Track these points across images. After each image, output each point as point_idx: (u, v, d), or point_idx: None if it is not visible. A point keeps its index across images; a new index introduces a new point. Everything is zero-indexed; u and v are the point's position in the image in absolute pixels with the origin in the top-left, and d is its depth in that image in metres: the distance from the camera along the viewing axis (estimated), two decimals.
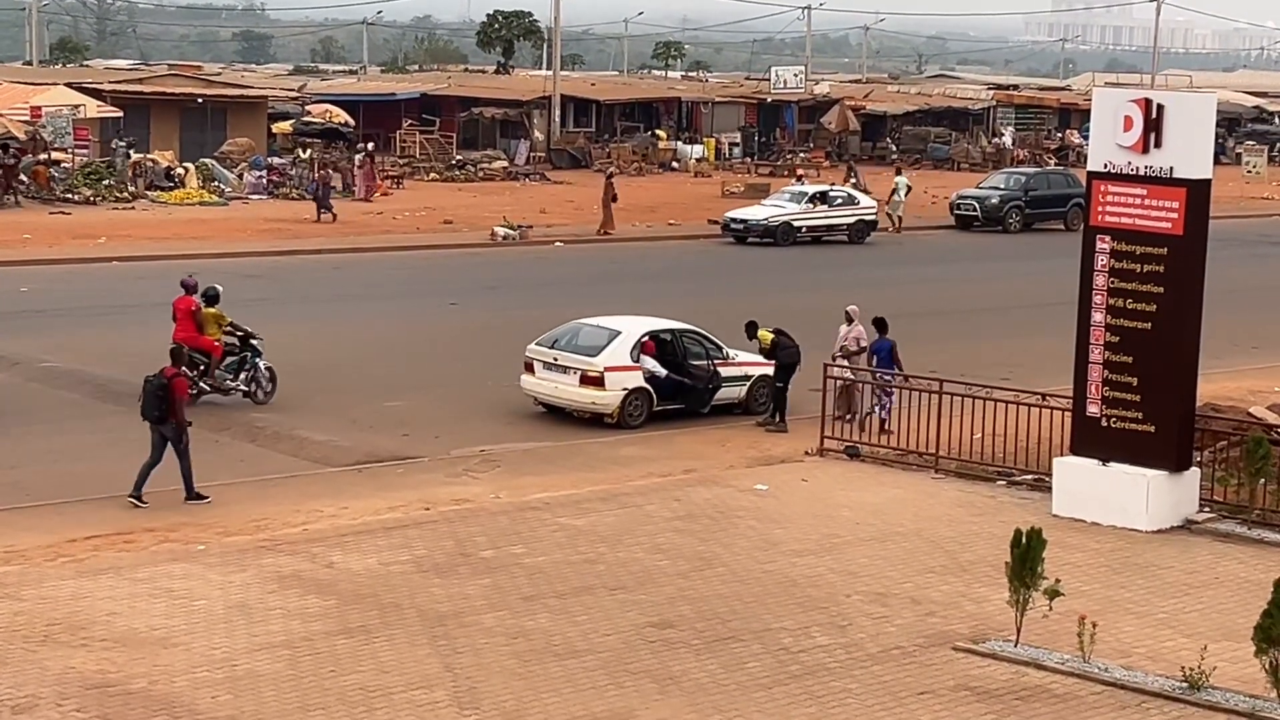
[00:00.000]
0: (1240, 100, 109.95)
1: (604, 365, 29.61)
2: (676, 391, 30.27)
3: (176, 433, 24.16)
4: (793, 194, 60.29)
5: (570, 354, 30.00)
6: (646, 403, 30.00)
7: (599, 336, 30.30)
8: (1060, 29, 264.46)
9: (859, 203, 59.87)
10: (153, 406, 24.14)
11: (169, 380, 24.25)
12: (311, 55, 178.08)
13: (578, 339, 30.50)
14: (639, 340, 30.18)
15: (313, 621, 18.74)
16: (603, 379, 29.57)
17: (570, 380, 29.76)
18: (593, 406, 29.76)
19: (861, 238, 58.55)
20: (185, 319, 30.68)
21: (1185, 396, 23.51)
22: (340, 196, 66.02)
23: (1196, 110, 23.61)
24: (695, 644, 18.29)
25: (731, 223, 58.43)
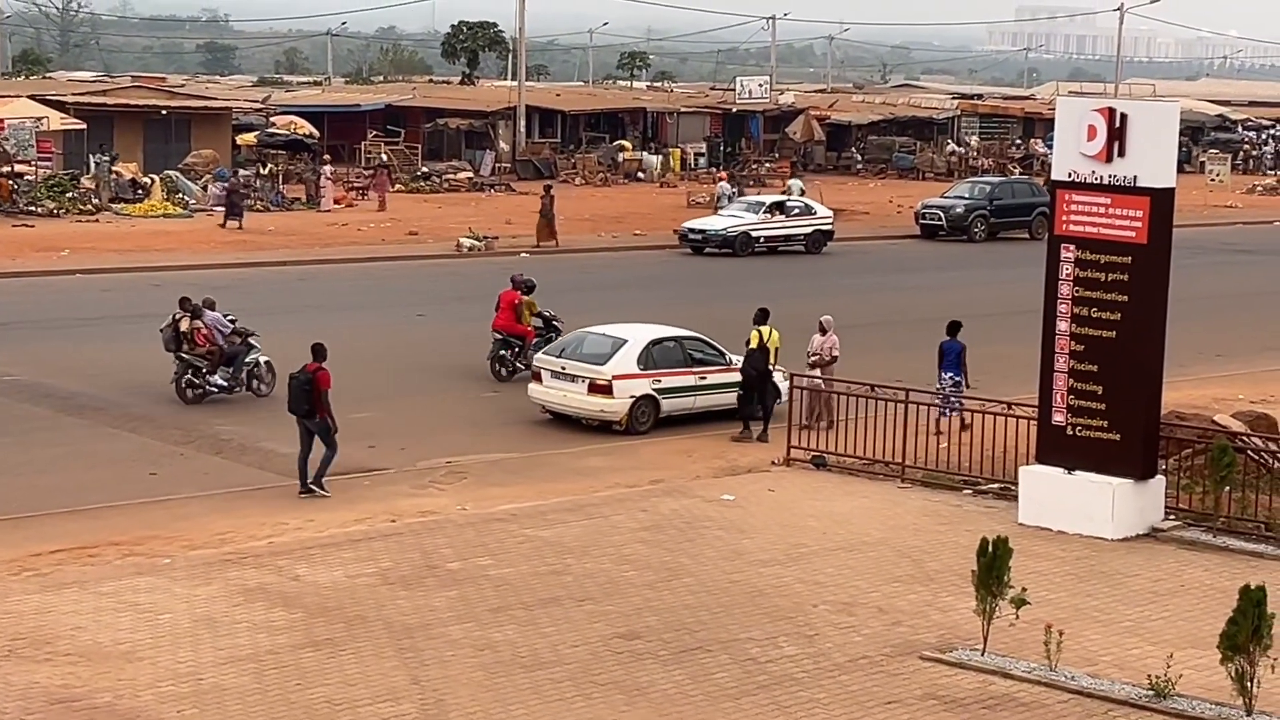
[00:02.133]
0: (1203, 109, 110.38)
1: (612, 373, 30.04)
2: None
3: (323, 426, 25.37)
4: (749, 204, 60.20)
5: (578, 362, 30.45)
6: (653, 410, 30.42)
7: (606, 345, 30.73)
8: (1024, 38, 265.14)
9: (815, 212, 59.75)
10: (301, 401, 25.45)
11: (313, 375, 25.51)
12: (276, 66, 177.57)
13: (585, 348, 30.91)
14: (645, 349, 30.60)
15: (279, 634, 18.68)
16: (611, 387, 30.02)
17: (579, 389, 30.22)
18: (601, 414, 30.19)
19: (819, 248, 58.45)
20: (508, 309, 34.66)
21: (1150, 405, 23.57)
22: (305, 208, 66.04)
23: (1160, 119, 23.69)
24: (663, 655, 18.28)
25: (689, 233, 58.03)
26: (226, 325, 32.01)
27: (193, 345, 31.52)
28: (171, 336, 31.66)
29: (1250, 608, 15.93)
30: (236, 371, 31.91)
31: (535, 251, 56.64)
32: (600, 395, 30.05)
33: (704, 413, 30.94)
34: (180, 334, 31.57)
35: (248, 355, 32.06)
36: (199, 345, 31.53)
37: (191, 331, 31.54)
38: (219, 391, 31.67)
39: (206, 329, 31.62)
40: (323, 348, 26.33)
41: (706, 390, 30.95)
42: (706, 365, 31.09)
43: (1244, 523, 23.52)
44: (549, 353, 31.36)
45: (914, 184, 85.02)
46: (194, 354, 31.48)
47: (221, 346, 31.62)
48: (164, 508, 24.57)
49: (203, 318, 31.76)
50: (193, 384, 31.50)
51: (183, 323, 31.62)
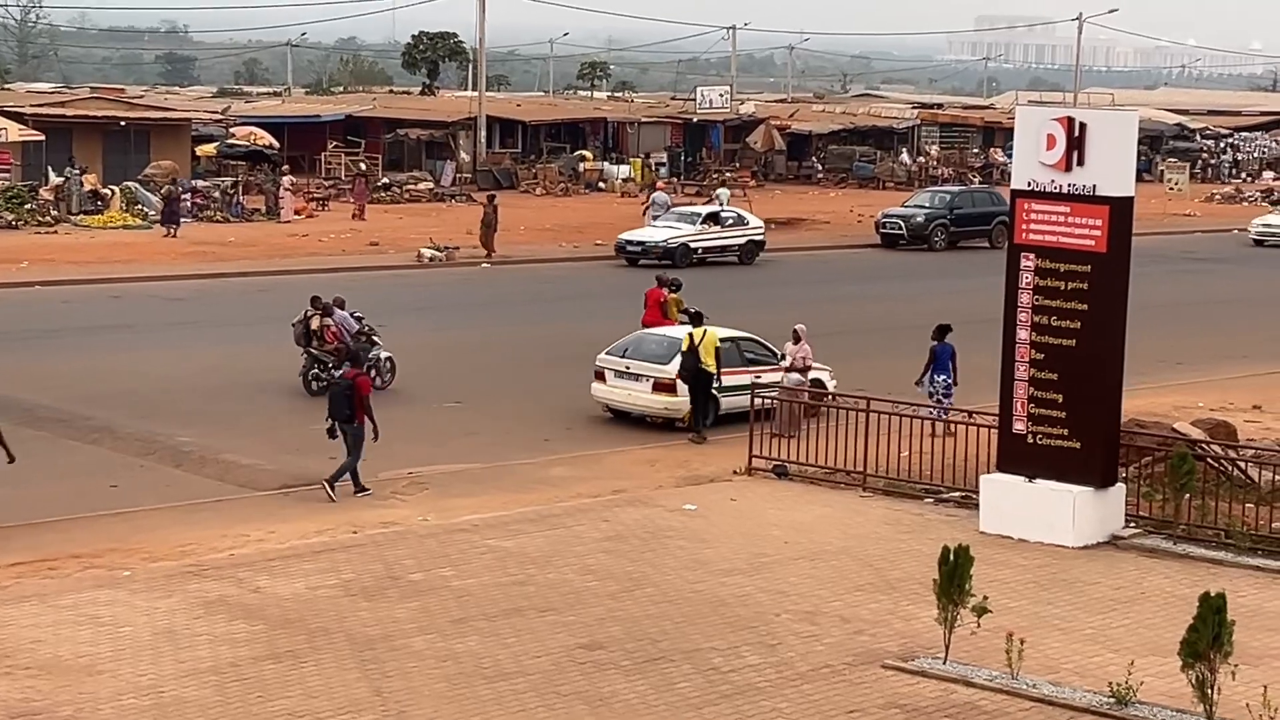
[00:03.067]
0: (1162, 117, 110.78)
1: (676, 372, 30.92)
2: None
3: (359, 432, 26.02)
4: (684, 214, 59.79)
5: (643, 362, 31.55)
6: (714, 408, 31.15)
7: (668, 345, 31.78)
8: (983, 48, 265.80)
9: (748, 223, 59.57)
10: (341, 406, 26.15)
11: (354, 381, 26.26)
12: (235, 77, 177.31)
13: (646, 348, 32.12)
14: None
15: (240, 647, 18.62)
16: (675, 385, 31.02)
17: (643, 387, 31.32)
18: (665, 411, 31.30)
19: (751, 258, 58.28)
20: (654, 307, 36.70)
21: (1110, 413, 23.64)
22: (265, 219, 65.89)
23: (1119, 128, 23.78)
24: (625, 665, 18.27)
25: (627, 245, 57.20)
26: (353, 324, 33.77)
27: (321, 342, 33.42)
28: (302, 333, 33.75)
29: (1210, 615, 15.98)
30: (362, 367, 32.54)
31: (497, 262, 56.62)
32: (664, 394, 31.11)
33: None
34: (310, 331, 33.59)
35: (370, 351, 33.45)
36: (327, 342, 33.32)
37: (321, 329, 33.45)
38: None
39: (335, 326, 33.46)
40: (359, 355, 27.37)
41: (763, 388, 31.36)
42: (760, 365, 32.04)
43: (1204, 530, 23.60)
44: (612, 353, 32.21)
45: (874, 193, 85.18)
46: (322, 350, 33.28)
47: (347, 343, 32.66)
48: (124, 520, 24.49)
49: (332, 316, 33.60)
50: (318, 377, 33.10)
51: (313, 320, 33.61)
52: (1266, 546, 23.00)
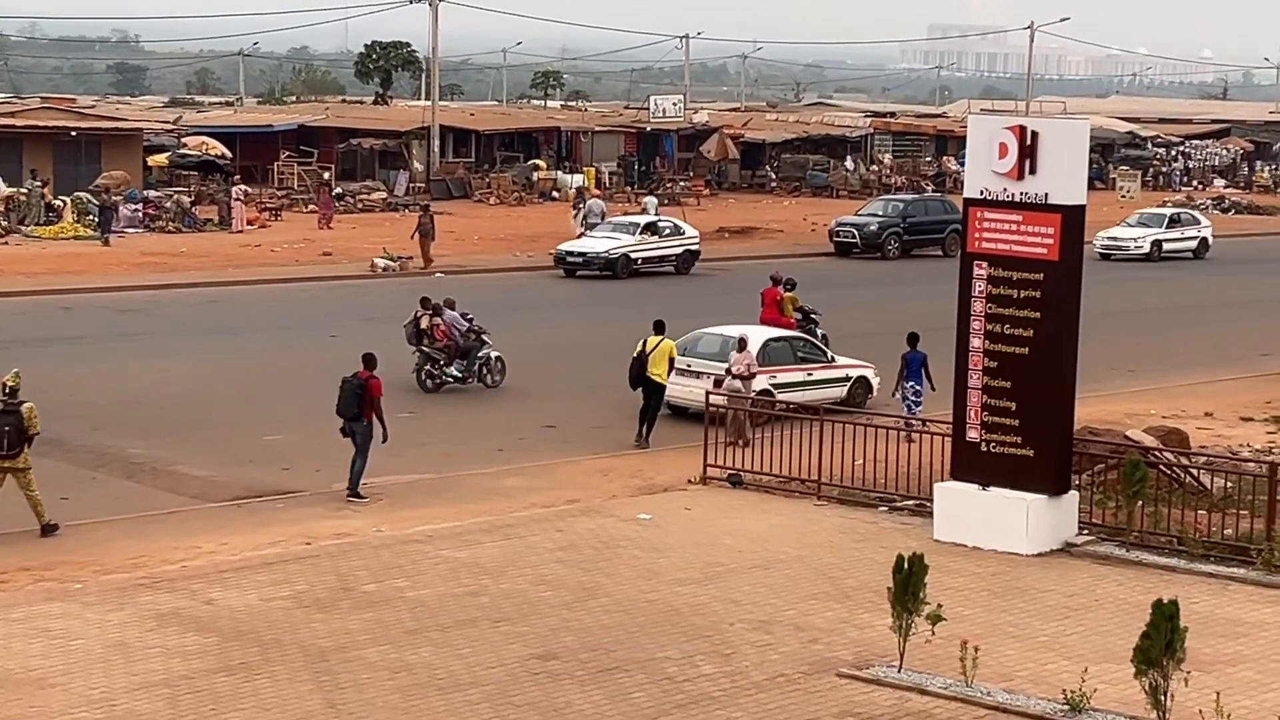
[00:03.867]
0: (1114, 126, 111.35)
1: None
2: None
3: (367, 431, 26.51)
4: (621, 224, 59.55)
5: (704, 360, 32.67)
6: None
7: (727, 344, 32.89)
8: (936, 56, 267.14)
9: (685, 233, 59.46)
10: (351, 405, 26.67)
11: (365, 381, 26.74)
12: (187, 87, 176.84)
13: (705, 347, 33.45)
14: (765, 345, 33.00)
15: (192, 659, 18.53)
16: None
17: (704, 384, 31.44)
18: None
19: (688, 268, 58.11)
20: (771, 305, 38.76)
21: (1063, 420, 23.71)
22: (217, 229, 65.70)
23: (1070, 136, 23.85)
24: (580, 675, 18.23)
25: (568, 256, 56.85)
26: (463, 323, 35.59)
27: (432, 340, 35.31)
28: (413, 332, 35.56)
29: (1163, 621, 16.02)
30: (470, 364, 35.45)
31: (450, 272, 56.55)
32: None
33: None
34: (421, 330, 35.41)
35: (480, 350, 35.46)
36: (438, 340, 35.26)
37: (431, 328, 35.29)
38: (454, 381, 35.19)
39: (445, 325, 35.36)
40: (373, 357, 27.49)
41: (814, 385, 33.36)
42: (812, 362, 33.82)
43: (1156, 537, 23.67)
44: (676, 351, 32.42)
45: (828, 201, 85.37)
46: (433, 348, 35.21)
47: (457, 341, 35.19)
48: (75, 532, 24.34)
49: (442, 315, 35.44)
50: (431, 374, 35.16)
51: (423, 320, 35.44)
52: (1219, 553, 23.09)
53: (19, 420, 24.09)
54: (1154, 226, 68.11)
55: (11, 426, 24.03)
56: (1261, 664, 18.83)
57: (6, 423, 24.06)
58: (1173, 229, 68.47)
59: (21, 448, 24.13)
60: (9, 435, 24.02)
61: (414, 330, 35.45)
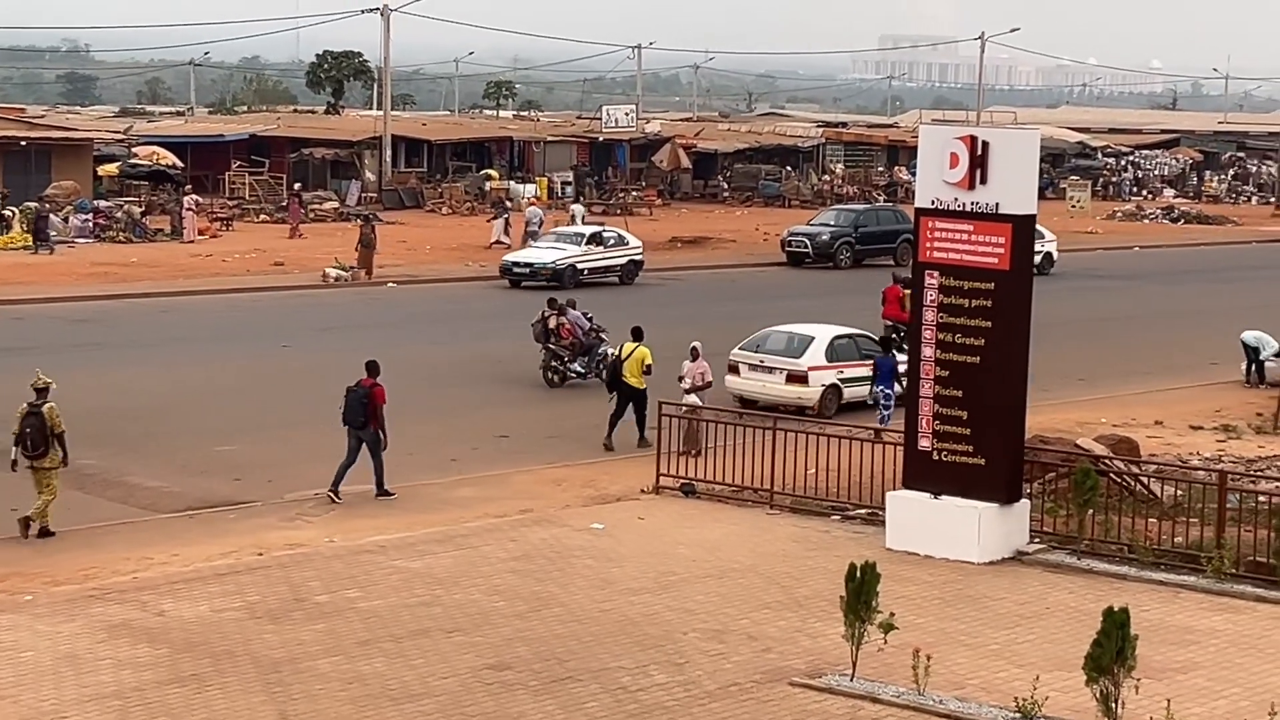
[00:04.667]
0: (1064, 136, 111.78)
1: (807, 365, 34.60)
2: None
3: (375, 437, 27.09)
4: (566, 235, 59.25)
5: (776, 356, 34.81)
6: (837, 397, 34.72)
7: (796, 341, 35.26)
8: (887, 67, 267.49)
9: (629, 243, 59.33)
10: (357, 413, 27.23)
11: (370, 389, 27.26)
12: (138, 97, 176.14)
13: (775, 344, 35.41)
14: (830, 343, 35.18)
15: (144, 671, 18.45)
16: (806, 377, 34.54)
17: (776, 379, 34.49)
18: (798, 401, 34.23)
19: (632, 278, 57.93)
20: (894, 301, 41.22)
21: (1014, 429, 23.78)
22: (169, 239, 65.47)
23: (1021, 146, 23.95)
24: (533, 685, 18.21)
25: (514, 266, 56.59)
26: (585, 323, 37.76)
27: (558, 338, 37.47)
28: (541, 331, 37.71)
29: (1114, 629, 16.09)
30: (591, 361, 37.21)
31: (402, 282, 56.48)
32: (797, 384, 34.45)
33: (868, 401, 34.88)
34: (548, 329, 37.52)
35: (600, 348, 37.08)
36: (563, 338, 37.41)
37: (558, 327, 37.37)
38: (576, 377, 37.35)
39: (570, 324, 37.46)
40: (376, 364, 28.01)
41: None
42: (873, 358, 34.90)
43: (1107, 545, 23.77)
44: (745, 348, 35.47)
45: (780, 211, 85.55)
46: (559, 345, 37.42)
47: (580, 339, 37.35)
48: (26, 544, 24.21)
49: (566, 315, 37.58)
50: (556, 370, 37.38)
51: (551, 320, 37.51)
52: (1169, 561, 23.19)
53: (41, 421, 24.61)
54: None
55: (34, 428, 24.60)
56: (1212, 671, 18.93)
57: (29, 424, 24.65)
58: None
59: (46, 448, 24.61)
60: (31, 436, 24.59)
61: (542, 329, 37.64)
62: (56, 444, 24.73)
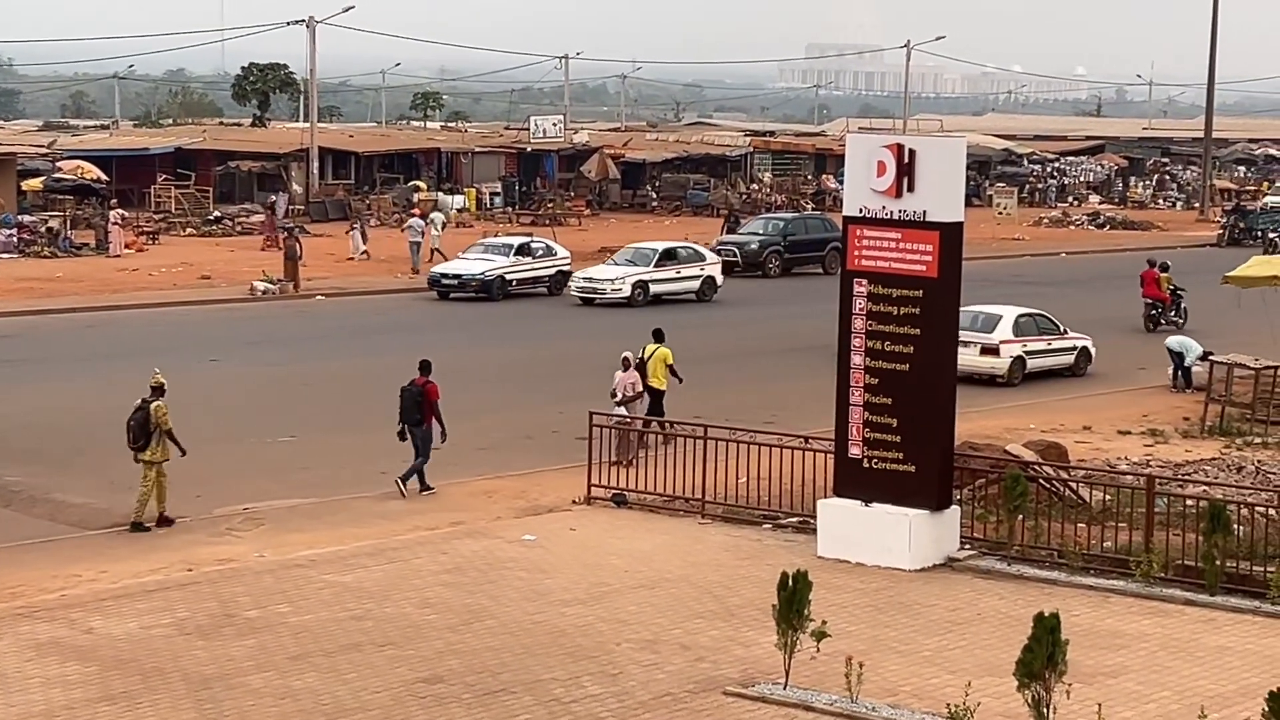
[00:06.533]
0: (990, 143, 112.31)
1: (999, 339, 40.10)
2: None
3: (427, 434, 28.17)
4: (493, 246, 59.04)
5: (969, 332, 37.48)
6: (1021, 368, 40.36)
7: (985, 319, 40.33)
8: (814, 75, 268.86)
9: (557, 254, 59.09)
10: (412, 411, 28.37)
11: (424, 388, 28.42)
12: (62, 110, 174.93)
13: (967, 322, 37.37)
14: (1016, 320, 40.71)
15: (73, 689, 18.31)
16: (998, 349, 39.95)
17: (971, 352, 38.01)
18: (991, 370, 39.82)
19: (560, 288, 57.54)
20: (1152, 283, 49.69)
21: (944, 436, 23.87)
22: (94, 253, 65.05)
23: (947, 154, 24.04)
24: (466, 698, 18.16)
25: (442, 278, 56.33)
26: None
27: None
28: None
29: (1045, 634, 16.15)
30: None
31: (331, 294, 56.29)
32: (990, 356, 39.81)
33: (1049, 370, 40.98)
34: None
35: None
36: None
37: None
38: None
39: None
40: (429, 364, 29.05)
41: (1053, 354, 41.40)
42: (1051, 334, 41.33)
43: (1037, 550, 23.88)
44: None
45: (709, 220, 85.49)
46: None
47: None
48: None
49: None
50: None
51: None
52: (1098, 566, 23.32)
53: (146, 417, 26.22)
54: (641, 265, 56.81)
55: (138, 422, 26.22)
56: (1142, 675, 19.04)
57: (135, 418, 26.30)
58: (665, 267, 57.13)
59: (147, 442, 26.11)
60: (133, 430, 26.20)
61: None
62: (163, 440, 26.20)
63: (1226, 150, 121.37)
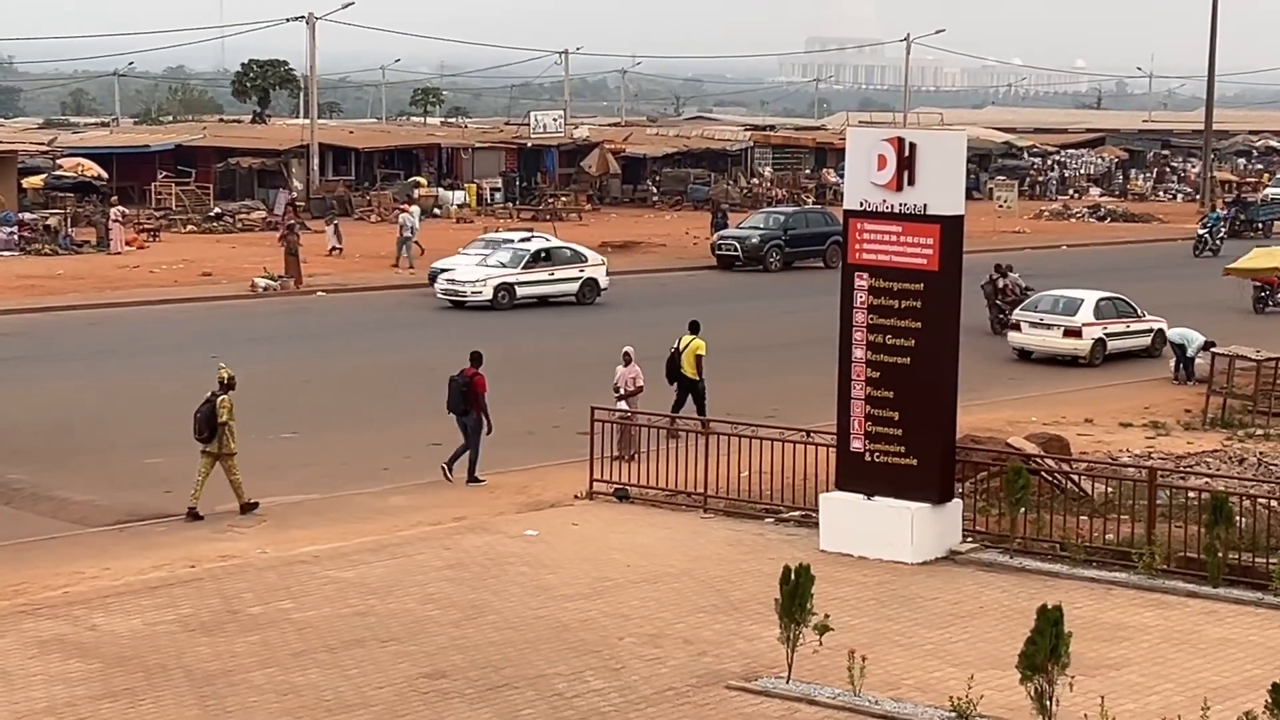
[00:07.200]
0: (990, 136, 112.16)
1: (1081, 321, 42.56)
2: None
3: (476, 423, 28.71)
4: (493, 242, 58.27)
5: (1053, 315, 42.68)
6: (1102, 349, 42.60)
7: (1066, 303, 43.23)
8: (814, 69, 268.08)
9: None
10: (458, 401, 28.90)
11: (471, 378, 28.86)
12: (62, 108, 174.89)
13: (1046, 304, 43.51)
14: (1096, 304, 43.09)
15: (76, 686, 18.32)
16: (1080, 331, 42.42)
17: (1054, 334, 42.56)
18: (1074, 351, 42.48)
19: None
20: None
21: (945, 429, 23.87)
22: (95, 251, 65.04)
23: (948, 147, 24.05)
24: (469, 693, 18.17)
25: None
26: (1021, 283, 46.84)
27: (1004, 296, 46.20)
28: (990, 291, 46.38)
29: (1047, 627, 16.16)
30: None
31: (331, 290, 56.26)
32: (1073, 338, 42.45)
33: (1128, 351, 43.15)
34: (997, 289, 46.41)
35: None
36: (1007, 295, 46.00)
37: (1004, 287, 46.39)
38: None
39: (1010, 284, 46.40)
40: (479, 355, 29.49)
41: (1131, 335, 43.44)
42: (1130, 317, 43.55)
43: (1039, 543, 23.88)
44: (1026, 309, 43.65)
45: (709, 215, 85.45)
46: (1004, 301, 45.96)
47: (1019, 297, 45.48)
48: None
49: (1007, 277, 46.88)
50: (1002, 323, 45.02)
51: (999, 281, 46.67)
52: (1101, 558, 23.33)
53: (211, 410, 26.72)
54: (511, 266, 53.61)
55: (204, 414, 26.75)
56: (1144, 667, 19.04)
57: (201, 411, 26.82)
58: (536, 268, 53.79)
59: (211, 435, 26.61)
60: (198, 422, 26.73)
61: (992, 289, 46.36)
62: (224, 433, 26.69)
63: (1227, 142, 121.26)
